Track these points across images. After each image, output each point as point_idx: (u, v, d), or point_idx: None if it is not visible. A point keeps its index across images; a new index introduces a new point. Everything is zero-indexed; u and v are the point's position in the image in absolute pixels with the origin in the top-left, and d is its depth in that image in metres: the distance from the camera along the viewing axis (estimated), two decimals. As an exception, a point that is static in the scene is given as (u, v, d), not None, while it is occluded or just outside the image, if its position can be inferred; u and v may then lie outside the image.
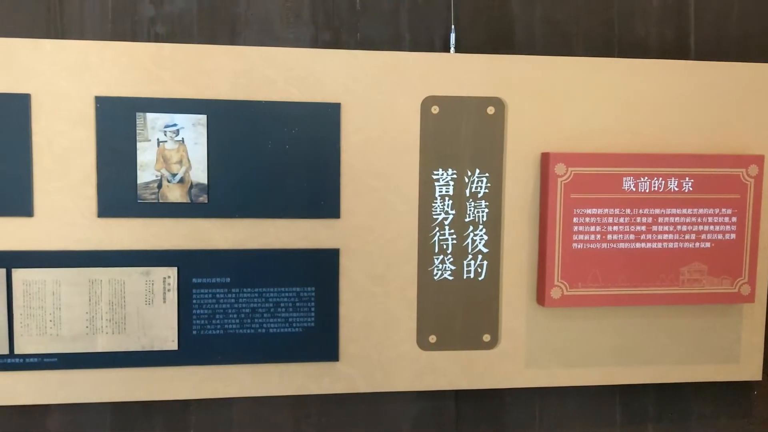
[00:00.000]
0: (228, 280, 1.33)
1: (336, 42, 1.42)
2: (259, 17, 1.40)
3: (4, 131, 1.23)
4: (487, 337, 1.40)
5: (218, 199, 1.30)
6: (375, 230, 1.36)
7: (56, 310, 1.28)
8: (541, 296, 1.37)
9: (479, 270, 1.40)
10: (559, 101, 1.37)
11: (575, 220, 1.34)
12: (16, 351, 1.28)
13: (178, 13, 1.38)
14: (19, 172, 1.25)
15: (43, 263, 1.27)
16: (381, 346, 1.38)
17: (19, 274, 1.26)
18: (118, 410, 1.37)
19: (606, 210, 1.35)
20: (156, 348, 1.31)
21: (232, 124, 1.30)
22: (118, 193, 1.27)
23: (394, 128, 1.35)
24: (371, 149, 1.34)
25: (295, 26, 1.41)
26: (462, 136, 1.37)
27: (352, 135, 1.34)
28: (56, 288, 1.28)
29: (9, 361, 1.28)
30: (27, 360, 1.28)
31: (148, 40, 1.36)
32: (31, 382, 1.30)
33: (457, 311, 1.40)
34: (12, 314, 1.27)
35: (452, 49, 1.41)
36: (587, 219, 1.34)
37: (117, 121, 1.27)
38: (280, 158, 1.32)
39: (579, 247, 1.34)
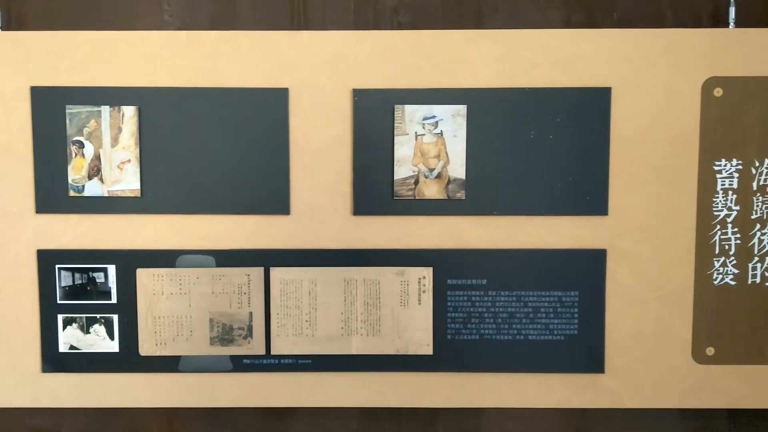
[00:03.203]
0: (484, 281, 1.23)
1: (590, 23, 1.29)
2: (507, 1, 1.29)
3: (263, 127, 1.21)
4: (774, 352, 1.23)
5: (476, 195, 1.21)
6: (646, 229, 1.22)
7: (312, 310, 1.24)
8: None
9: (766, 274, 1.22)
10: None
11: None
12: (272, 352, 1.25)
13: (421, 1, 1.30)
14: (278, 170, 1.22)
15: (299, 262, 1.23)
16: (651, 358, 1.24)
17: (277, 273, 1.23)
18: (364, 415, 1.32)
19: None
20: (410, 352, 1.24)
21: (493, 113, 1.20)
22: (373, 189, 1.21)
23: (671, 114, 1.20)
24: (644, 138, 1.20)
25: (545, 8, 1.29)
26: (749, 121, 1.20)
27: (623, 122, 1.20)
28: (312, 287, 1.23)
29: (265, 361, 1.25)
30: (282, 361, 1.25)
31: (391, 29, 1.30)
32: (284, 384, 1.26)
33: (739, 321, 1.23)
34: (269, 314, 1.24)
35: (731, 24, 1.24)
36: None
37: (374, 115, 1.20)
38: (542, 149, 1.21)
39: None
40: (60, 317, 1.24)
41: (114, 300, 1.24)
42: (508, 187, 1.21)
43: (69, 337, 1.25)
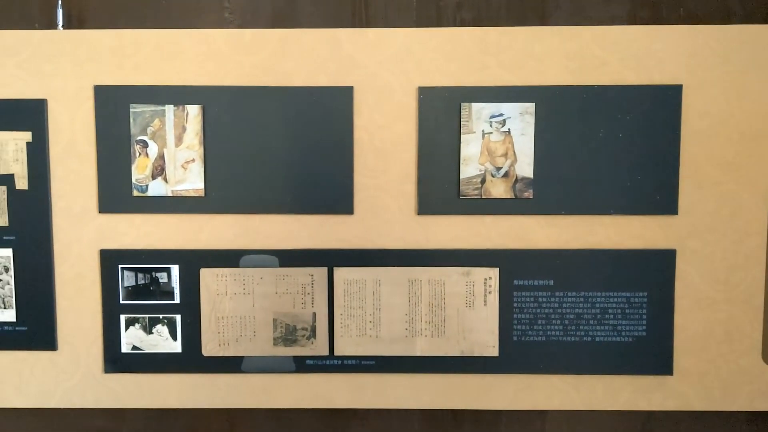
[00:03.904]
0: (551, 282, 1.21)
1: (656, 18, 1.27)
2: (570, -4, 1.27)
3: (327, 126, 1.19)
4: None
5: (543, 194, 1.19)
6: (718, 229, 1.20)
7: (376, 310, 1.22)
8: None
9: (840, 275, 1.19)
10: None
11: None
12: (336, 353, 1.23)
13: (484, -4, 1.28)
14: (342, 169, 1.20)
15: (363, 262, 1.22)
16: (721, 360, 1.22)
17: (340, 273, 1.22)
18: (427, 417, 1.30)
19: None
20: (476, 354, 1.22)
21: (561, 111, 1.18)
22: (438, 189, 1.20)
23: (742, 111, 1.18)
24: (716, 136, 1.18)
25: (610, 4, 1.27)
26: (824, 118, 1.17)
27: (695, 120, 1.18)
28: (376, 288, 1.22)
29: (328, 362, 1.24)
30: (345, 362, 1.24)
31: (454, 26, 1.28)
32: (347, 385, 1.25)
33: (812, 322, 1.20)
34: (333, 315, 1.23)
35: (803, 19, 1.21)
36: None
37: (440, 113, 1.19)
38: (611, 148, 1.19)
39: None
40: (123, 317, 1.24)
41: (177, 300, 1.23)
42: (576, 186, 1.19)
43: (132, 338, 1.24)
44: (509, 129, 1.18)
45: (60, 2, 1.25)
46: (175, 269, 1.23)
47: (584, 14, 1.28)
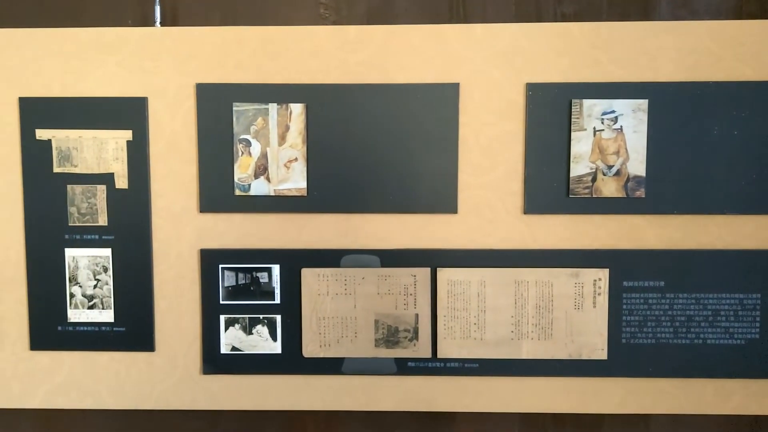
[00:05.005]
0: (662, 283, 1.18)
1: (764, 12, 1.24)
2: (675, -10, 1.24)
3: (431, 124, 1.17)
4: None
5: (656, 193, 1.16)
6: (836, 228, 1.16)
7: (481, 312, 1.20)
8: None
9: None
10: None
11: None
12: (439, 355, 1.21)
13: (585, -9, 1.25)
14: (446, 167, 1.18)
15: (467, 262, 1.19)
16: (837, 364, 1.18)
17: (444, 274, 1.20)
18: (526, 421, 1.28)
19: None
20: (584, 357, 1.20)
21: (675, 108, 1.15)
22: (546, 187, 1.17)
23: None
24: (836, 133, 1.14)
25: (716, -3, 1.24)
26: None
27: (814, 117, 1.15)
28: (481, 289, 1.20)
29: (430, 365, 1.22)
30: (448, 365, 1.22)
31: (554, 21, 1.25)
32: (449, 388, 1.23)
33: None
34: (436, 316, 1.20)
35: None
36: None
37: (549, 110, 1.16)
38: (726, 146, 1.15)
39: None
40: (222, 318, 1.22)
41: (277, 300, 1.22)
42: (689, 184, 1.16)
43: (231, 338, 1.22)
44: (621, 126, 1.16)
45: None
46: (275, 269, 1.21)
47: (689, 8, 1.25)
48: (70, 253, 1.21)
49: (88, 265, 1.21)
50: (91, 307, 1.22)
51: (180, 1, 1.25)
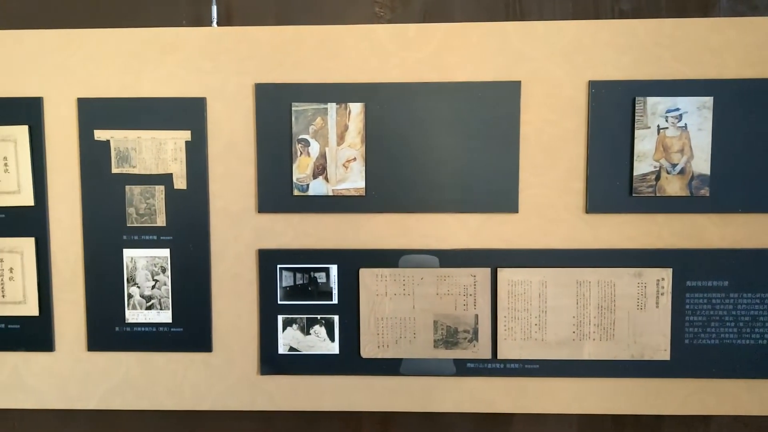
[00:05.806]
0: (725, 283, 1.17)
1: (828, 7, 1.22)
2: (735, -14, 1.22)
3: (492, 122, 1.16)
4: None
5: (721, 191, 1.15)
6: None
7: (542, 313, 1.19)
8: None
9: None
10: None
11: None
12: (499, 356, 1.20)
13: (643, -13, 1.24)
14: (507, 166, 1.17)
15: (528, 262, 1.18)
16: None
17: (504, 274, 1.19)
18: (585, 422, 1.26)
19: None
20: (646, 357, 1.18)
21: (740, 106, 1.14)
22: (608, 186, 1.16)
23: None
24: None
25: (777, -7, 1.22)
26: None
27: None
28: (542, 289, 1.18)
29: (490, 366, 1.21)
30: (508, 366, 1.21)
31: (612, 17, 1.24)
32: (509, 389, 1.22)
33: None
34: (496, 317, 1.19)
35: None
36: None
37: (612, 108, 1.15)
38: (792, 144, 1.13)
39: None
40: (280, 318, 1.22)
41: (335, 300, 1.21)
42: (754, 183, 1.15)
43: (288, 339, 1.22)
44: (686, 124, 1.14)
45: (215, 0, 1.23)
46: (333, 269, 1.20)
47: (750, 3, 1.23)
48: (128, 253, 1.21)
49: (146, 266, 1.21)
50: (149, 308, 1.22)
51: (234, 1, 1.25)
